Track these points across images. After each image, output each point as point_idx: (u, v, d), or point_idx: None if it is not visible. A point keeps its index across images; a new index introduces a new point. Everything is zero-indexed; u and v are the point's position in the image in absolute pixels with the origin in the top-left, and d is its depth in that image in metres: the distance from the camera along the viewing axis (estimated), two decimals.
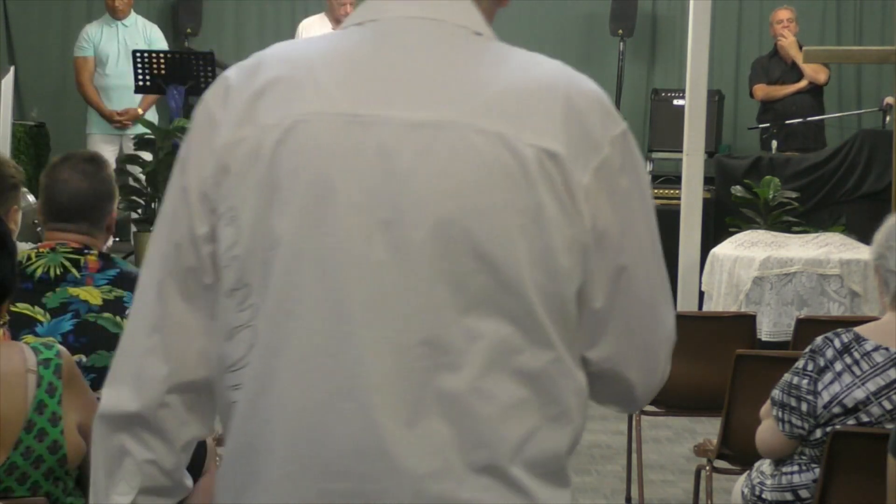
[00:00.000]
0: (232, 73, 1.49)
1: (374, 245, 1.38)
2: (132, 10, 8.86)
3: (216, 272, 1.45)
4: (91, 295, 3.03)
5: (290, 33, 8.87)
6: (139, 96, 8.64)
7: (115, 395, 1.53)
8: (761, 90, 9.04)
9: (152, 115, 8.70)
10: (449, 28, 1.47)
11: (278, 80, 1.44)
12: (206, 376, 1.48)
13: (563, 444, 1.44)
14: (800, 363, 3.07)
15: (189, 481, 1.57)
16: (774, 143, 8.45)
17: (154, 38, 8.83)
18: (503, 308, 1.39)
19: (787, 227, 7.29)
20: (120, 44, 8.75)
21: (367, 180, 1.39)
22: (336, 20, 8.54)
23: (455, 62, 1.45)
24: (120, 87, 8.69)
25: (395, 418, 1.37)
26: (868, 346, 3.00)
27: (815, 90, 8.96)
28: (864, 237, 6.28)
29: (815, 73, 8.85)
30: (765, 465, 3.28)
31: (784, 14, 8.97)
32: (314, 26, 8.60)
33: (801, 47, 8.32)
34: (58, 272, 3.03)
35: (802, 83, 8.90)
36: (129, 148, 8.51)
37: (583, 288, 1.44)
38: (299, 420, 1.40)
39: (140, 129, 8.26)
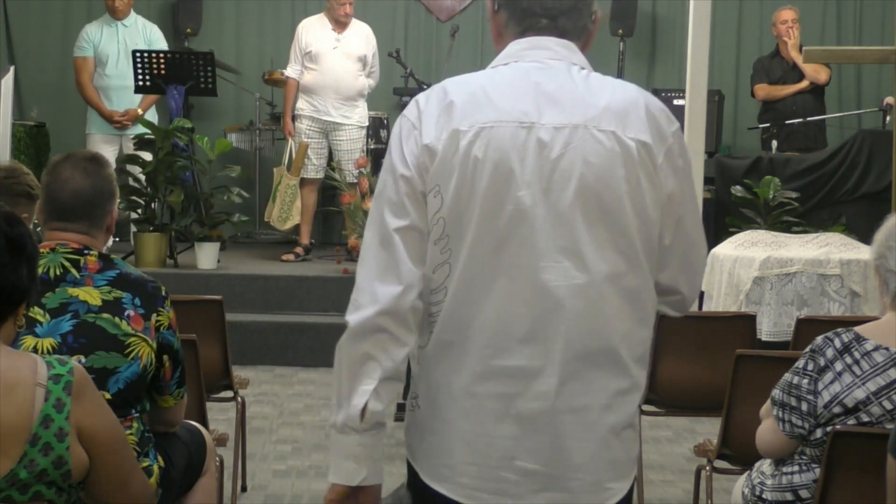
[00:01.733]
0: (422, 98, 2.26)
1: (538, 205, 2.17)
2: (132, 11, 8.85)
3: (426, 226, 2.20)
4: (90, 295, 3.02)
5: (290, 33, 8.87)
6: (139, 96, 8.64)
7: (360, 313, 2.18)
8: (762, 90, 9.04)
9: (152, 115, 8.69)
10: (566, 65, 2.27)
11: (462, 101, 2.22)
12: (419, 296, 2.20)
13: (647, 338, 2.27)
14: (800, 363, 3.07)
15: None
16: (774, 144, 8.44)
17: (154, 38, 8.82)
18: (617, 245, 2.18)
19: (787, 227, 7.28)
20: (120, 44, 8.74)
21: (532, 164, 2.18)
22: (335, 20, 8.53)
23: (575, 87, 2.24)
24: (120, 88, 8.68)
25: (556, 313, 2.17)
26: (868, 346, 3.00)
27: (817, 90, 8.95)
28: (864, 237, 6.27)
29: (815, 72, 8.84)
30: (765, 465, 3.28)
31: (788, 14, 8.95)
32: (314, 26, 8.61)
33: (800, 48, 8.31)
34: (57, 272, 3.03)
35: (804, 83, 8.89)
36: (129, 148, 8.50)
37: (663, 233, 2.24)
38: (487, 319, 2.18)
39: (140, 129, 8.25)
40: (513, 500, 2.20)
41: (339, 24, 8.56)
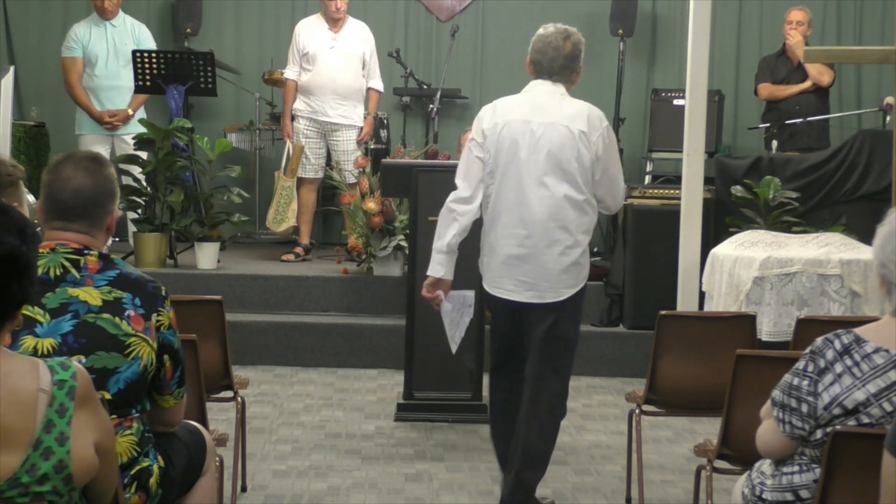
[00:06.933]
0: (486, 107, 4.73)
1: (530, 158, 4.57)
2: (120, 10, 8.82)
3: (487, 165, 4.65)
4: (90, 295, 3.02)
5: (289, 33, 8.87)
6: (130, 97, 8.62)
7: (450, 196, 4.65)
8: (766, 90, 9.02)
9: (142, 115, 8.65)
10: (552, 94, 4.67)
11: (500, 109, 4.68)
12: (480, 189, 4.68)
13: (587, 222, 4.63)
14: (800, 364, 3.07)
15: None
16: (775, 143, 8.43)
17: (143, 37, 8.80)
18: (566, 178, 4.57)
19: (787, 227, 7.27)
20: (109, 44, 8.72)
21: (528, 141, 4.58)
22: (331, 19, 8.54)
23: (554, 105, 4.64)
24: (110, 88, 8.67)
25: (537, 209, 4.56)
26: (868, 348, 3.00)
27: (820, 91, 8.93)
28: (865, 237, 6.27)
29: (819, 74, 8.82)
30: (765, 466, 3.28)
31: (794, 16, 8.93)
32: (310, 26, 8.62)
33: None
34: (58, 272, 3.03)
35: (807, 83, 8.88)
36: (122, 148, 8.50)
37: (593, 173, 4.60)
38: (504, 211, 4.61)
39: (131, 128, 8.24)
40: (517, 294, 4.59)
41: (335, 23, 8.56)
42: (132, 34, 8.76)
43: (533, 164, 4.53)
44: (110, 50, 8.70)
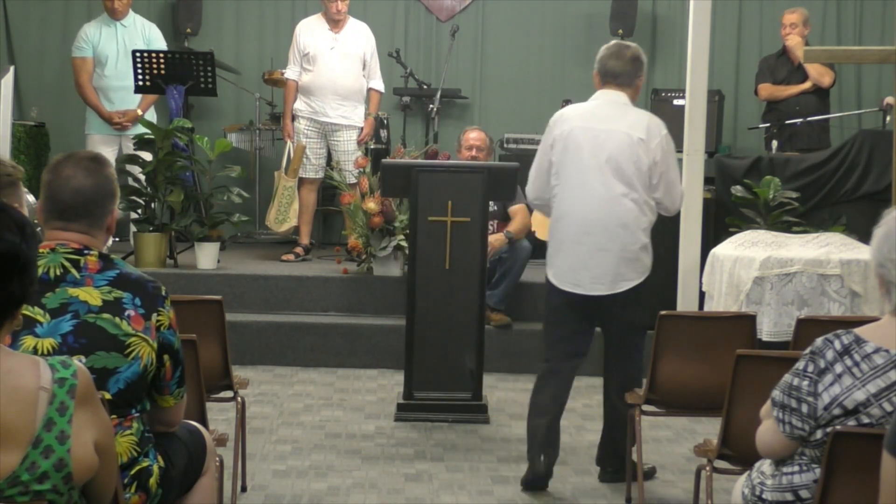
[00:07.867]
0: (555, 115, 5.26)
1: (592, 161, 5.05)
2: (130, 10, 8.83)
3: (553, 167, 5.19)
4: (90, 296, 3.02)
5: (290, 33, 8.87)
6: (139, 96, 8.62)
7: (528, 197, 5.39)
8: (766, 90, 9.02)
9: (151, 115, 8.68)
10: (616, 104, 5.16)
11: (567, 117, 5.19)
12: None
13: (646, 221, 5.10)
14: (800, 364, 3.07)
15: None
16: (775, 143, 8.43)
17: (153, 37, 8.80)
18: (622, 180, 5.04)
19: (787, 227, 7.27)
20: (119, 44, 8.72)
21: (591, 145, 5.06)
22: (331, 19, 8.54)
23: (617, 113, 5.13)
24: (120, 88, 8.66)
25: (598, 207, 5.04)
26: (868, 349, 3.00)
27: (821, 91, 8.92)
28: (865, 237, 6.25)
29: (819, 75, 8.82)
30: (765, 466, 3.28)
31: (788, 19, 8.91)
32: (311, 27, 8.62)
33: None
34: (58, 272, 3.03)
35: (807, 84, 8.87)
36: (129, 148, 8.49)
37: (650, 177, 5.07)
38: (569, 210, 5.10)
39: (140, 128, 8.24)
40: (581, 288, 5.05)
41: (336, 24, 8.55)
42: (142, 34, 8.76)
43: (595, 167, 5.01)
44: (120, 50, 8.69)
